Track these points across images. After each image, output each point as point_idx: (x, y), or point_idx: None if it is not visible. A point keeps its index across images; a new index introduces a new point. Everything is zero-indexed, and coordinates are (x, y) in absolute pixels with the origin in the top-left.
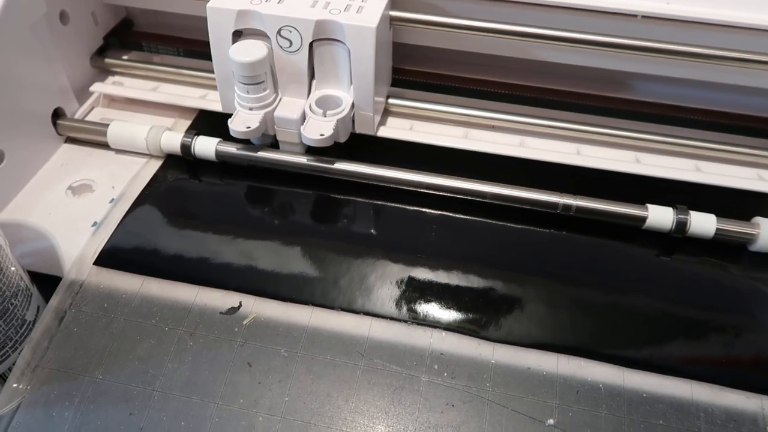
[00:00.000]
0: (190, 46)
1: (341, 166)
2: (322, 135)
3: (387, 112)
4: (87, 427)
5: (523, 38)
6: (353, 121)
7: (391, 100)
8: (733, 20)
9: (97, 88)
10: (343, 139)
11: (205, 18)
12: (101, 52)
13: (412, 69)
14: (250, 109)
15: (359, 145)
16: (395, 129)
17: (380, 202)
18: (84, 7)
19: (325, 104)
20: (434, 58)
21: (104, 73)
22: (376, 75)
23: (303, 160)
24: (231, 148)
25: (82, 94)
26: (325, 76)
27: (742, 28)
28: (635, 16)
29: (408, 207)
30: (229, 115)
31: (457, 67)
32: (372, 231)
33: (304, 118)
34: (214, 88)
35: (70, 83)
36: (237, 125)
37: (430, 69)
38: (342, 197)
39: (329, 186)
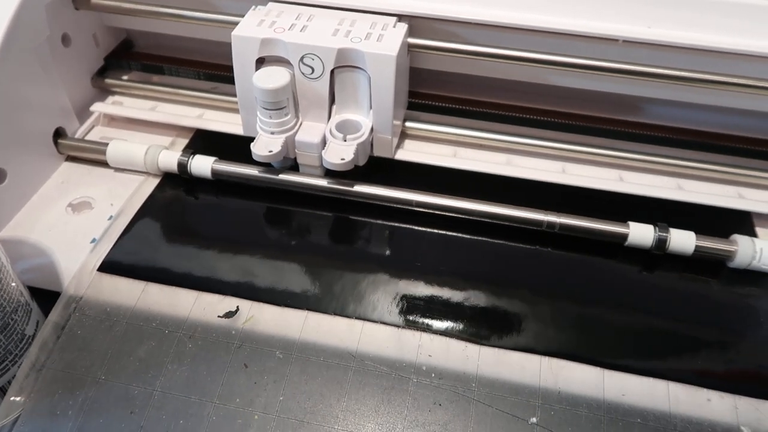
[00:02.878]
0: (188, 66)
1: (329, 184)
2: (343, 159)
3: (403, 135)
4: (89, 425)
5: (520, 63)
6: (372, 144)
7: (407, 123)
8: (711, 45)
9: (98, 108)
10: (362, 162)
11: (203, 39)
12: (102, 72)
13: (426, 92)
14: (272, 133)
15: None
16: (413, 152)
17: (372, 218)
18: (86, 29)
19: (345, 129)
20: (446, 81)
21: (104, 92)
22: (395, 100)
23: (292, 178)
24: (226, 167)
25: (83, 113)
26: (345, 102)
27: (721, 53)
28: (616, 40)
29: (400, 223)
30: (225, 135)
31: (462, 89)
32: (364, 243)
33: (324, 142)
34: (211, 108)
35: (71, 103)
36: (259, 149)
37: (442, 92)
38: (333, 213)
39: (321, 202)
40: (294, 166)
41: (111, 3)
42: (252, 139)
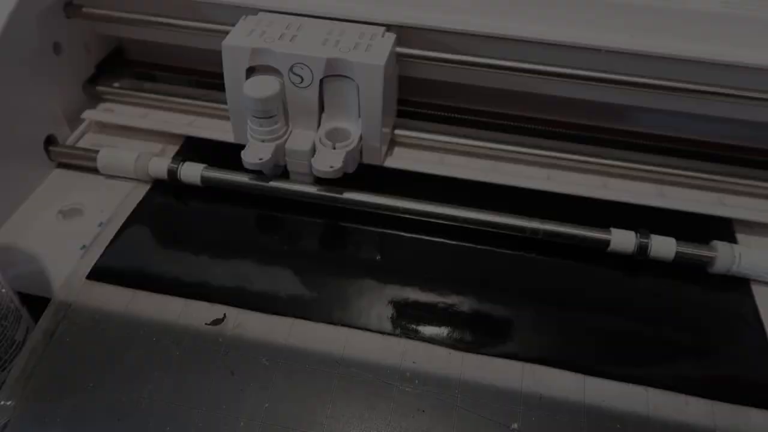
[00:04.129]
0: (179, 74)
1: (313, 190)
2: (332, 167)
3: (393, 142)
4: None
5: (507, 72)
6: (361, 152)
7: (397, 131)
8: (693, 55)
9: (89, 115)
10: (351, 169)
11: (194, 48)
12: (93, 80)
13: (415, 100)
14: (263, 141)
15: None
16: (402, 159)
17: (359, 225)
18: (77, 37)
19: (335, 136)
20: (435, 89)
21: (96, 100)
22: (384, 108)
23: (282, 185)
24: (216, 174)
25: (74, 120)
26: (334, 110)
27: (702, 62)
28: (599, 50)
29: (387, 229)
30: (215, 142)
31: (451, 97)
32: (351, 249)
33: (314, 149)
34: (202, 114)
35: (62, 111)
36: (250, 157)
37: (432, 100)
38: (323, 220)
39: (311, 209)
40: (284, 174)
41: (102, 12)
42: (242, 146)
